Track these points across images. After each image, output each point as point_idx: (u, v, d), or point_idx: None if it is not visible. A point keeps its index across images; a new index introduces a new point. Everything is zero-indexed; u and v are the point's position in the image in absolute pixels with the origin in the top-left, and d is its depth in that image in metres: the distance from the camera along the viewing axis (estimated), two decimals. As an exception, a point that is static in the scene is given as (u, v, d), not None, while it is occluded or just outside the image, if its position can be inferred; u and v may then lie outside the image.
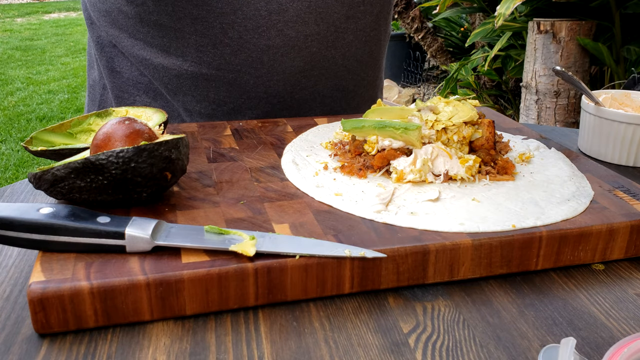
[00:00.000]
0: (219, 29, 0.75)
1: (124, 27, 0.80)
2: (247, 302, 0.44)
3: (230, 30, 0.75)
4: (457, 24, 3.79)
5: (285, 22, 0.76)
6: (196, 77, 0.80)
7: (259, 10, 0.75)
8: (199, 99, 0.82)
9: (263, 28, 0.76)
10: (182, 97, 0.82)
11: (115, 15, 0.80)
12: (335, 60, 0.83)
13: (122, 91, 0.85)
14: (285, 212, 0.52)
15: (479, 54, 2.92)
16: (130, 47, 0.81)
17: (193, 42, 0.77)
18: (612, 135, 0.74)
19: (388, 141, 0.60)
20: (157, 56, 0.80)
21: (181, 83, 0.81)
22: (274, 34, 0.76)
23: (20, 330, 0.42)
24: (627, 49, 2.25)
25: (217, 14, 0.74)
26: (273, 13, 0.75)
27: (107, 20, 0.82)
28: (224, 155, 0.65)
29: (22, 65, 5.10)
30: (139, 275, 0.41)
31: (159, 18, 0.76)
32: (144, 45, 0.80)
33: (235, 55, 0.77)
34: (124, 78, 0.84)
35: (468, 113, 0.61)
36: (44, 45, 5.91)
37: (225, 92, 0.81)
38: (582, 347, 0.41)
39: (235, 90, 0.81)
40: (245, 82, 0.80)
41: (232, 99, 0.81)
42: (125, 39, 0.81)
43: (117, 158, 0.48)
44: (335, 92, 0.87)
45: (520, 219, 0.50)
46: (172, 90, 0.82)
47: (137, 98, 0.84)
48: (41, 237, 0.44)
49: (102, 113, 0.66)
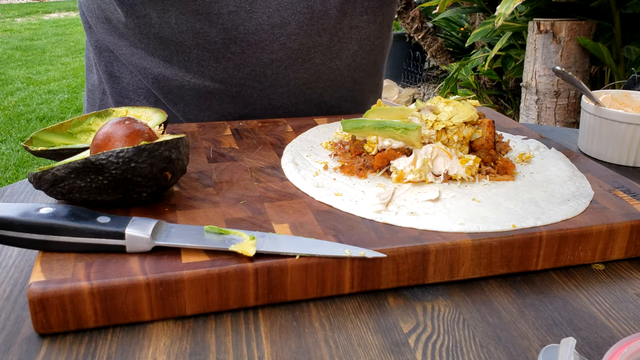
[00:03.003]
0: (221, 43, 0.75)
1: (124, 35, 0.79)
2: (247, 302, 0.44)
3: (233, 45, 0.75)
4: (457, 24, 3.79)
5: (287, 35, 0.75)
6: (199, 89, 0.79)
7: (261, 25, 0.74)
8: (202, 108, 0.81)
9: (266, 42, 0.75)
10: (184, 106, 0.81)
11: (114, 24, 0.78)
12: (341, 71, 0.83)
13: (122, 96, 0.84)
14: (285, 212, 0.52)
15: (479, 54, 2.92)
16: (129, 55, 0.80)
17: (195, 56, 0.76)
18: (612, 135, 0.74)
19: (388, 141, 0.60)
20: (157, 66, 0.78)
21: (183, 94, 0.80)
22: (277, 47, 0.76)
23: (20, 330, 0.42)
24: (627, 49, 2.25)
25: (219, 29, 0.74)
26: (275, 27, 0.75)
27: (105, 28, 0.80)
28: (224, 155, 0.65)
29: (22, 65, 5.10)
30: (139, 275, 0.41)
31: (161, 31, 0.75)
32: (145, 55, 0.78)
33: (238, 70, 0.77)
34: (124, 83, 0.83)
35: (468, 113, 0.61)
36: (44, 45, 5.91)
37: (229, 104, 0.80)
38: (582, 347, 0.41)
39: (239, 102, 0.80)
40: (249, 95, 0.79)
41: (236, 110, 0.81)
42: (124, 47, 0.79)
43: (117, 158, 0.48)
44: (342, 102, 0.86)
45: (520, 219, 0.50)
46: (172, 100, 0.81)
47: (138, 103, 0.84)
48: (41, 237, 0.44)
49: (102, 113, 0.66)
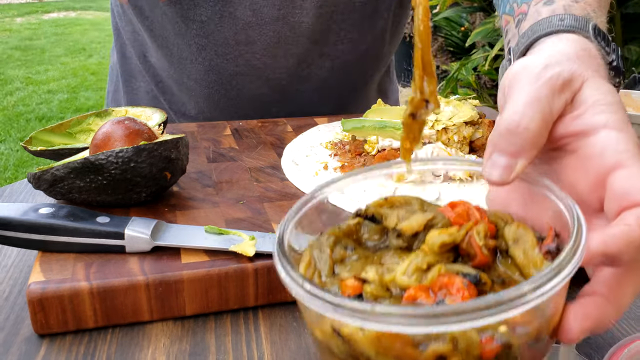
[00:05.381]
0: (195, 47, 0.78)
1: (130, 21, 0.84)
2: (247, 302, 0.44)
3: (204, 51, 0.78)
4: (457, 23, 3.79)
5: (252, 53, 0.78)
6: (179, 83, 0.83)
7: (227, 40, 0.77)
8: (183, 102, 0.85)
9: (231, 56, 0.78)
10: (170, 96, 0.86)
11: (125, 8, 0.83)
12: (308, 94, 0.84)
13: (130, 75, 0.89)
14: (285, 212, 0.51)
15: (479, 54, 2.92)
16: (132, 40, 0.85)
17: (176, 53, 0.80)
18: (612, 135, 0.73)
19: (388, 141, 0.60)
20: (152, 55, 0.84)
21: (170, 85, 0.85)
22: (242, 62, 0.79)
23: (20, 331, 0.41)
24: (627, 49, 2.25)
25: (193, 34, 0.78)
26: (241, 44, 0.77)
27: (118, 11, 0.86)
28: (223, 155, 0.65)
29: (22, 65, 5.10)
30: (138, 275, 0.41)
31: (151, 24, 0.80)
32: (143, 42, 0.84)
33: (207, 75, 0.80)
34: (132, 64, 0.88)
35: (468, 113, 0.61)
36: (43, 45, 5.91)
37: (203, 104, 0.84)
38: (582, 347, 0.41)
39: (211, 104, 0.84)
40: (218, 100, 0.83)
41: (209, 110, 0.84)
42: (129, 32, 0.85)
43: (116, 158, 0.48)
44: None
45: (521, 219, 0.50)
46: (161, 89, 0.86)
47: (142, 84, 0.88)
48: (40, 237, 0.44)
49: (102, 113, 0.66)
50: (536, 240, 0.31)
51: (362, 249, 0.35)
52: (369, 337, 0.27)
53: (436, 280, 0.29)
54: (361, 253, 0.34)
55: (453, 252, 0.31)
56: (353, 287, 0.31)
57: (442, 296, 0.29)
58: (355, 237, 0.35)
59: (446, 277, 0.29)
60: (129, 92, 0.89)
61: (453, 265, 0.30)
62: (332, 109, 0.86)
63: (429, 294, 0.29)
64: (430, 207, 0.36)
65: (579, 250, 0.27)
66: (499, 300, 0.25)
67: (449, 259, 0.31)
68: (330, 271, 0.33)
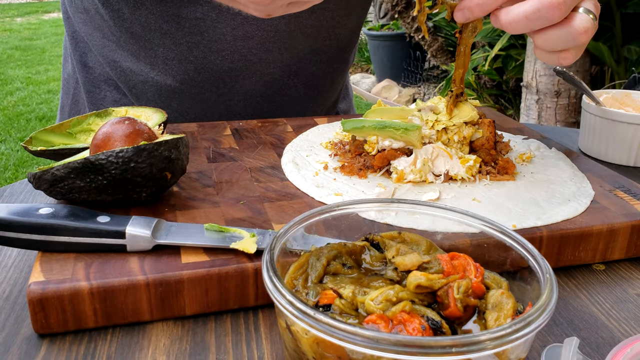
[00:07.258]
0: (185, 46, 0.77)
1: (99, 27, 0.81)
2: (247, 302, 0.44)
3: (196, 49, 0.77)
4: (457, 23, 3.78)
5: (249, 48, 0.78)
6: (161, 86, 0.82)
7: (224, 35, 0.76)
8: (162, 106, 0.83)
9: (227, 52, 0.78)
10: (145, 102, 0.84)
11: (91, 15, 0.81)
12: (298, 89, 0.85)
13: (93, 86, 0.86)
14: (285, 212, 0.51)
15: (479, 54, 2.92)
16: (101, 47, 0.82)
17: (161, 54, 0.79)
18: (612, 135, 0.74)
19: (388, 141, 0.60)
20: (126, 60, 0.81)
21: (146, 89, 0.83)
22: (237, 58, 0.78)
23: (20, 331, 0.41)
24: (627, 49, 2.25)
25: (184, 33, 0.76)
26: (238, 39, 0.77)
27: (82, 18, 0.83)
28: (223, 155, 0.65)
29: (22, 65, 5.10)
30: (138, 275, 0.41)
31: (132, 26, 0.77)
32: (116, 48, 0.81)
33: (198, 73, 0.80)
34: (96, 74, 0.86)
35: (468, 113, 0.61)
36: (43, 45, 5.91)
37: (187, 105, 0.83)
38: (582, 347, 0.41)
39: (198, 104, 0.83)
40: (207, 99, 0.82)
41: (194, 111, 0.84)
42: (97, 39, 0.82)
43: (116, 158, 0.48)
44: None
45: (521, 219, 0.50)
46: (135, 94, 0.84)
47: (108, 94, 0.86)
48: (41, 237, 0.44)
49: (102, 113, 0.65)
50: (514, 311, 0.33)
51: (358, 269, 0.37)
52: (310, 339, 0.31)
53: (397, 314, 0.31)
54: (356, 273, 0.37)
55: (431, 297, 0.33)
56: (328, 297, 0.34)
57: (397, 330, 0.31)
58: (356, 257, 0.38)
59: (409, 314, 0.31)
60: (93, 102, 0.86)
61: (421, 307, 0.32)
62: (321, 104, 0.88)
63: (388, 324, 0.31)
64: (435, 251, 0.39)
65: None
66: (425, 344, 0.27)
67: (424, 302, 0.33)
68: (318, 279, 0.36)
